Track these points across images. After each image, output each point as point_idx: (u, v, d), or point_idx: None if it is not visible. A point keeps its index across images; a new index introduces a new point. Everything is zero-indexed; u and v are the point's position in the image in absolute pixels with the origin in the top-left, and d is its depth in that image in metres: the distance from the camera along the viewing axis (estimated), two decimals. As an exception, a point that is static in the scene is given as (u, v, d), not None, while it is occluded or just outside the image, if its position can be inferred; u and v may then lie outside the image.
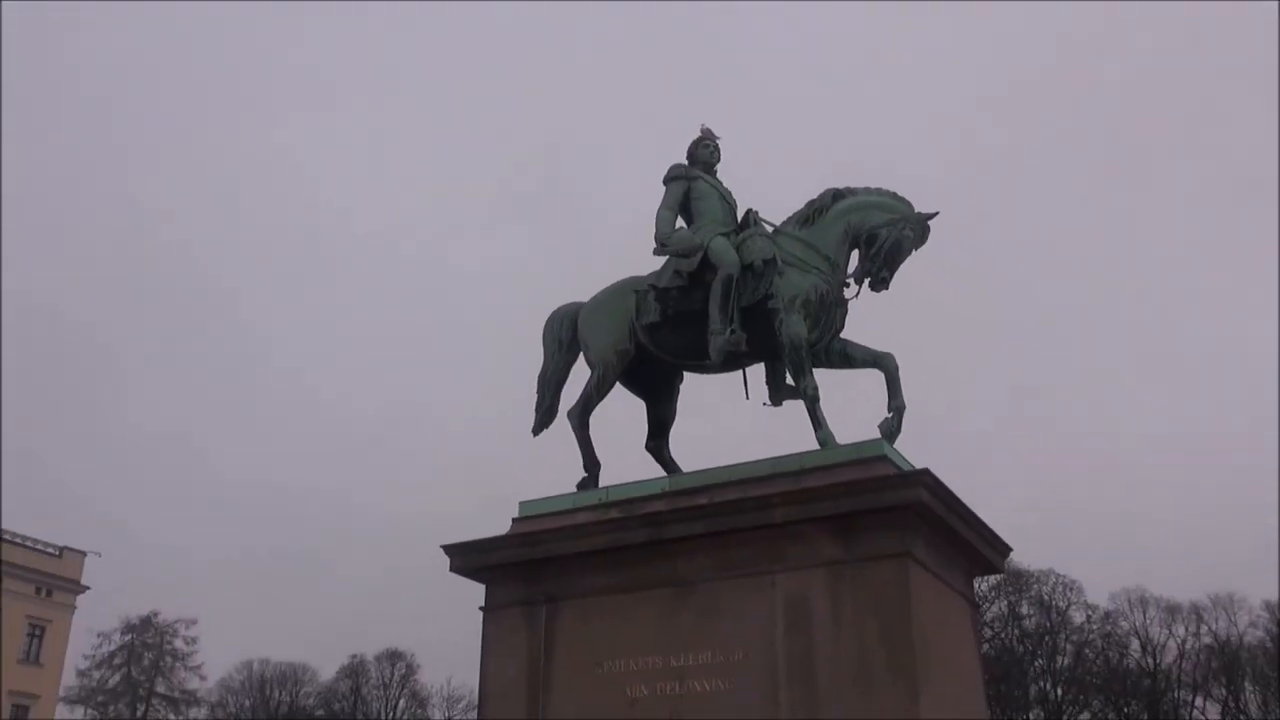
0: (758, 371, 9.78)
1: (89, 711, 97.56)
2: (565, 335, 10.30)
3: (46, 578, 78.74)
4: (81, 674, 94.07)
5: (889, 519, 7.84)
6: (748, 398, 9.81)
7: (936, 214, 9.34)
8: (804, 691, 7.70)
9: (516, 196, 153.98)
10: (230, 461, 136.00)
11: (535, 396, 10.40)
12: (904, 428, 8.85)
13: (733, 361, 9.47)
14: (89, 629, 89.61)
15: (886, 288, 9.26)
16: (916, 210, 9.31)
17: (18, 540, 77.92)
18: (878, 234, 9.18)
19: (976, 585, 9.68)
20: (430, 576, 9.85)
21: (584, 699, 8.41)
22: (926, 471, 7.92)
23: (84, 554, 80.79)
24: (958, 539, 8.51)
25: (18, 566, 76.82)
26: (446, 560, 9.38)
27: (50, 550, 79.60)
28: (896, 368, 9.00)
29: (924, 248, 9.48)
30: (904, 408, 8.87)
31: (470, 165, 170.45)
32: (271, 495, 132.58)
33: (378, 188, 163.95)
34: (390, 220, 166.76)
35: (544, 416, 10.33)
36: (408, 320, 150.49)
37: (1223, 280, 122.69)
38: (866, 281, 9.26)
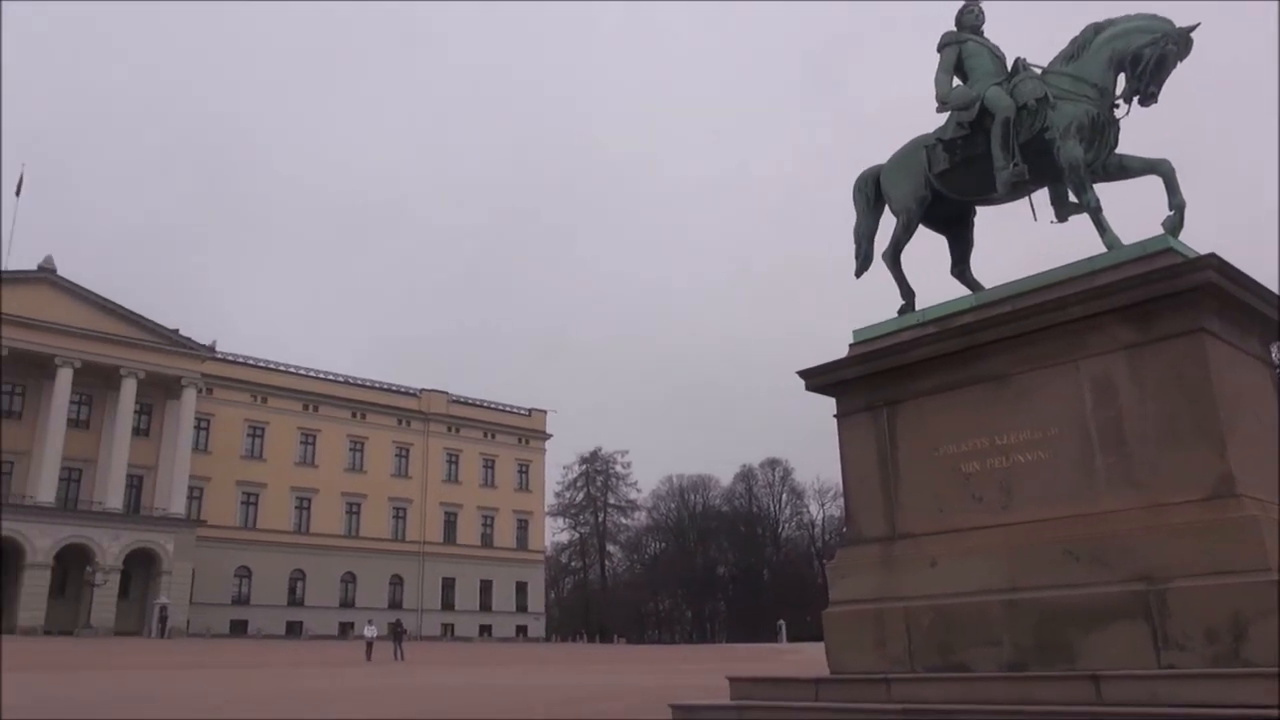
0: (1041, 196, 8.98)
1: (566, 520, 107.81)
2: (870, 193, 9.88)
3: (523, 431, 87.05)
4: (557, 495, 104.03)
5: (1181, 301, 6.95)
6: (1035, 219, 9.06)
7: (1198, 25, 8.04)
8: (1117, 454, 7.13)
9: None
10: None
11: (854, 247, 10.09)
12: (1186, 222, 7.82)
13: (1018, 190, 8.74)
14: (556, 463, 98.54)
15: (1156, 101, 8.12)
16: (1177, 26, 8.08)
17: (503, 407, 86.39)
18: (1141, 54, 8.04)
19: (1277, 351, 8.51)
20: (793, 395, 9.90)
21: (927, 477, 8.25)
22: (1212, 255, 6.96)
23: (545, 411, 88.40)
24: (1250, 310, 7.45)
25: (505, 426, 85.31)
26: (802, 382, 9.42)
27: (522, 411, 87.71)
28: (1172, 170, 7.92)
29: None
30: (1184, 204, 7.80)
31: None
32: (680, 359, 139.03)
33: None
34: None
35: (863, 262, 10.00)
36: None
37: None
38: (1136, 99, 8.19)
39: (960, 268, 9.49)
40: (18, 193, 60.88)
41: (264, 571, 68.55)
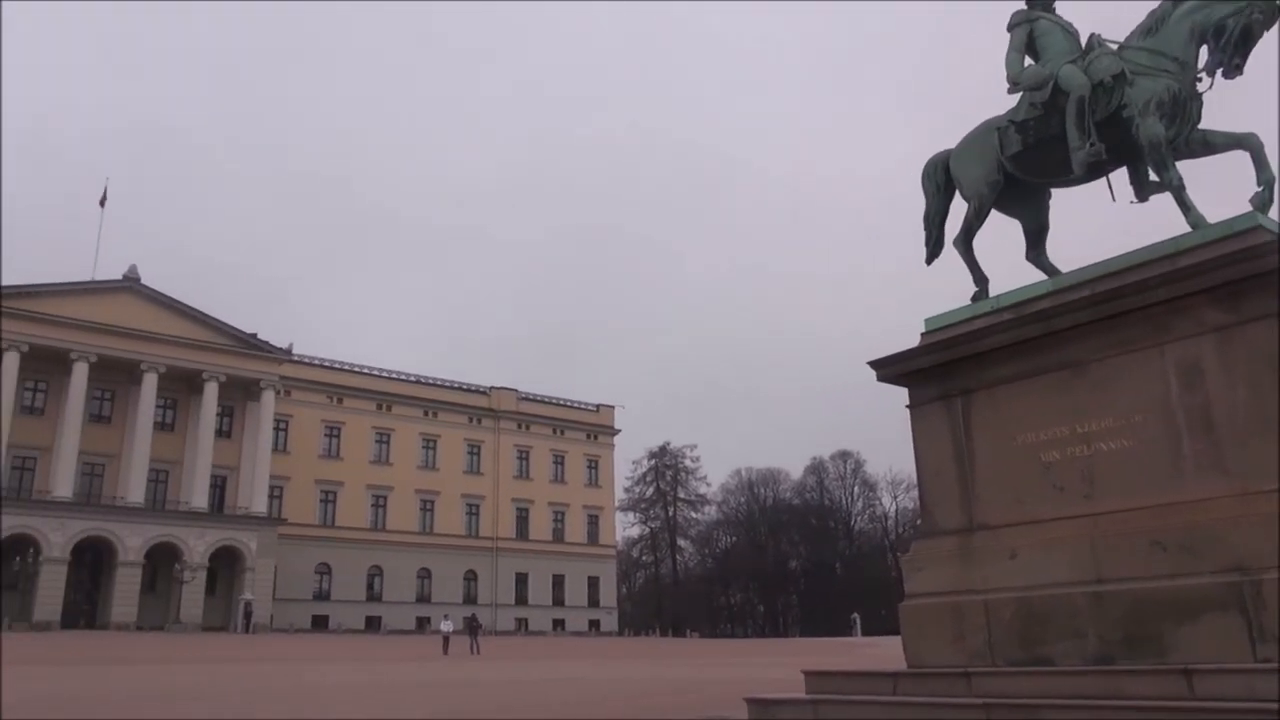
0: (1119, 176, 8.70)
1: (636, 515, 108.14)
2: (940, 179, 9.66)
3: (592, 427, 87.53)
4: (627, 490, 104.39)
5: (1272, 280, 6.66)
6: (1113, 200, 8.77)
7: None
8: (1205, 441, 6.87)
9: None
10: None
11: (924, 234, 9.90)
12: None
13: (1095, 171, 8.45)
14: (625, 459, 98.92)
15: (1241, 73, 7.79)
16: None
17: (572, 403, 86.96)
18: (1225, 25, 7.72)
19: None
20: (862, 387, 9.79)
21: (1005, 468, 8.06)
22: (1305, 232, 6.69)
23: (613, 407, 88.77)
24: None
25: (574, 422, 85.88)
26: (873, 373, 9.28)
27: (590, 407, 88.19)
28: (1261, 145, 7.58)
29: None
30: (1274, 180, 7.47)
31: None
32: (733, 351, 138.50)
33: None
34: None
35: (933, 249, 9.80)
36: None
37: None
38: (1219, 72, 7.87)
39: (1035, 252, 9.24)
40: (102, 204, 63.25)
41: (343, 568, 70.16)
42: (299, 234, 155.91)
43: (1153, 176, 8.19)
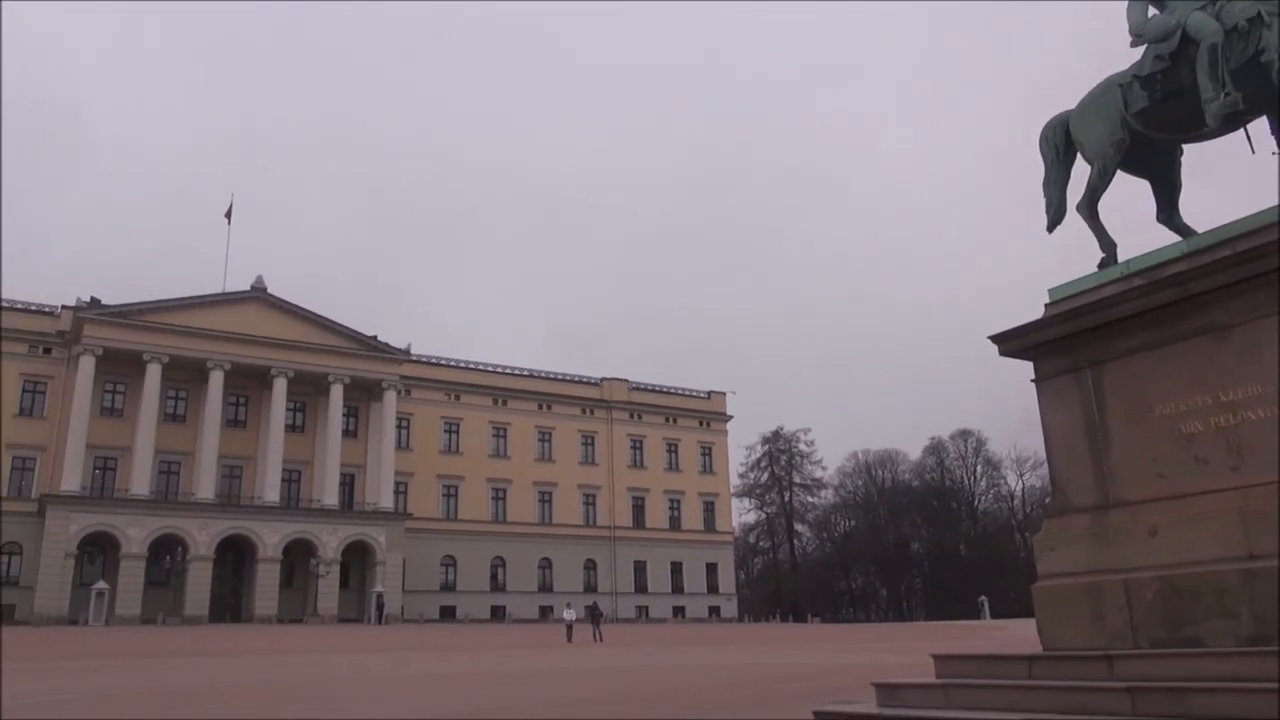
0: (1258, 127, 8.14)
1: (751, 500, 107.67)
2: (1059, 142, 9.24)
3: (704, 414, 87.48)
4: (741, 476, 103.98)
5: None
6: (1253, 152, 8.21)
7: None
8: (1369, 405, 6.42)
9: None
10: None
11: (1044, 200, 9.51)
12: None
13: (1232, 122, 7.91)
14: (739, 444, 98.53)
15: None
16: None
17: (683, 391, 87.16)
18: None
19: None
20: (978, 363, 9.49)
21: (1142, 441, 7.68)
22: None
23: (724, 393, 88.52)
24: None
25: (686, 410, 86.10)
26: (994, 348, 8.97)
27: (702, 394, 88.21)
28: None
29: None
30: None
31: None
32: (846, 327, 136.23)
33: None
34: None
35: (1055, 215, 9.38)
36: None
37: None
38: None
39: (1168, 213, 8.74)
40: (228, 218, 66.49)
41: (467, 559, 72.19)
42: (407, 235, 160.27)
43: (1296, 125, 7.66)
